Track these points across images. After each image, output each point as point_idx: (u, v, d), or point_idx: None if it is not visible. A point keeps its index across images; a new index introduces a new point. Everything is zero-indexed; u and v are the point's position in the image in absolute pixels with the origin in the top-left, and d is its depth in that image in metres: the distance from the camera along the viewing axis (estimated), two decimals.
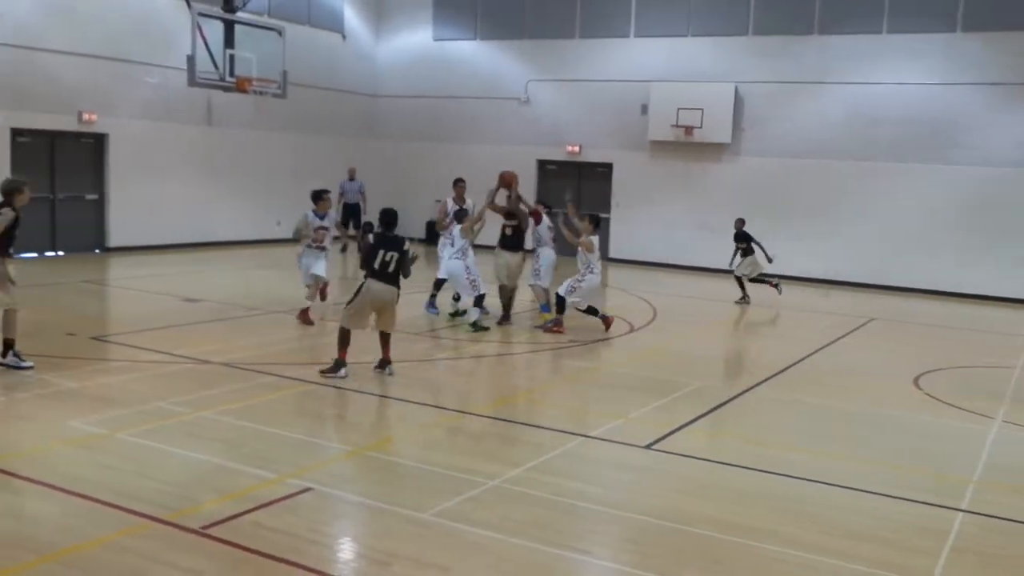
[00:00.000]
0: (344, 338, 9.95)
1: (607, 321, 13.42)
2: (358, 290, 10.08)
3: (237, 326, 13.00)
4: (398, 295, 10.19)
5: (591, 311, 13.36)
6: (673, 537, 6.10)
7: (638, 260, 22.96)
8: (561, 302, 13.19)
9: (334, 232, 13.64)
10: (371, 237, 10.23)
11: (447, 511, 6.25)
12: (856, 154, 20.87)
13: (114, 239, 20.31)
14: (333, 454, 7.61)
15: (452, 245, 13.57)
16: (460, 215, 13.87)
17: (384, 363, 10.20)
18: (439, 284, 14.16)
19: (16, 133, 18.36)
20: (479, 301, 13.12)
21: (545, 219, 14.34)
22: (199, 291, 15.11)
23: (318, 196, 13.23)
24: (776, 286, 17.38)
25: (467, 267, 13.31)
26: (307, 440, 7.85)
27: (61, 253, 19.39)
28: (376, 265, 9.99)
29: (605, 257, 23.51)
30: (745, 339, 13.95)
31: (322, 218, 13.21)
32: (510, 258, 13.88)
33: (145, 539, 5.61)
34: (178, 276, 16.28)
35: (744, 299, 17.38)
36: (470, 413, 8.85)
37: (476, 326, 12.97)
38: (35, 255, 18.80)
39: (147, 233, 20.62)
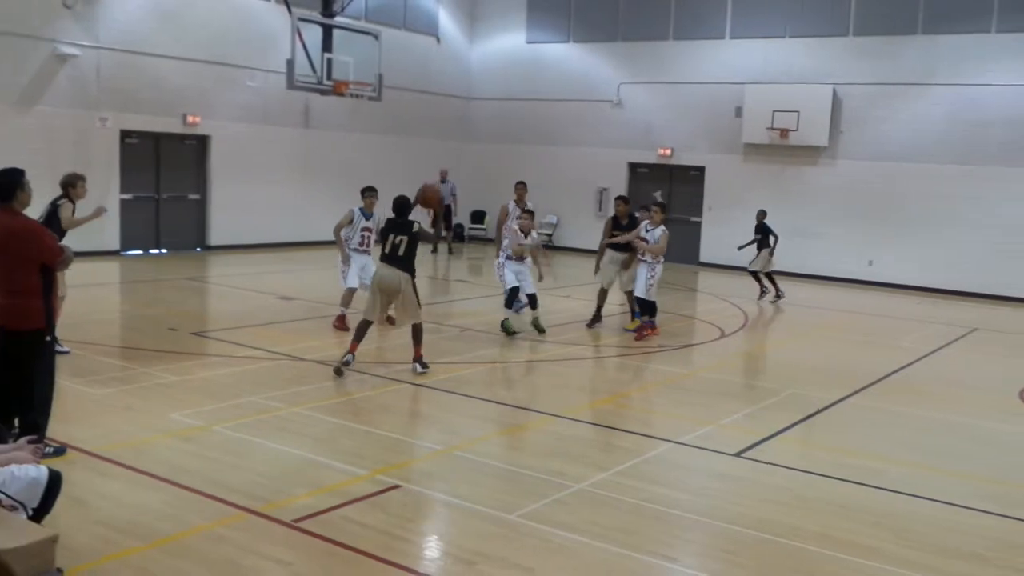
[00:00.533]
0: (361, 329, 10.06)
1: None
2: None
3: (330, 324, 13.23)
4: (410, 280, 10.10)
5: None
6: (763, 547, 5.99)
7: (729, 265, 22.61)
8: (651, 305, 13.05)
9: (375, 236, 12.18)
10: (382, 222, 10.24)
11: (533, 513, 6.26)
12: (960, 158, 20.19)
13: (214, 238, 20.91)
14: (422, 452, 7.70)
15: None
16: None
17: (415, 360, 10.18)
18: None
19: (125, 135, 19.06)
20: (508, 301, 12.73)
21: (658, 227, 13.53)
22: (294, 289, 15.44)
23: (366, 192, 12.75)
24: (765, 293, 17.54)
25: (498, 264, 12.94)
26: (397, 438, 7.96)
27: (164, 251, 20.04)
28: (386, 249, 10.04)
29: (696, 262, 23.36)
30: (841, 347, 13.62)
31: (368, 218, 12.55)
32: (617, 259, 13.61)
33: (239, 529, 5.76)
34: (274, 275, 16.67)
35: (764, 294, 17.38)
36: (559, 416, 8.85)
37: (505, 326, 12.67)
38: (140, 252, 19.48)
39: (245, 232, 21.17)
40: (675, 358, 12.27)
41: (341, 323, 12.46)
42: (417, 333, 10.18)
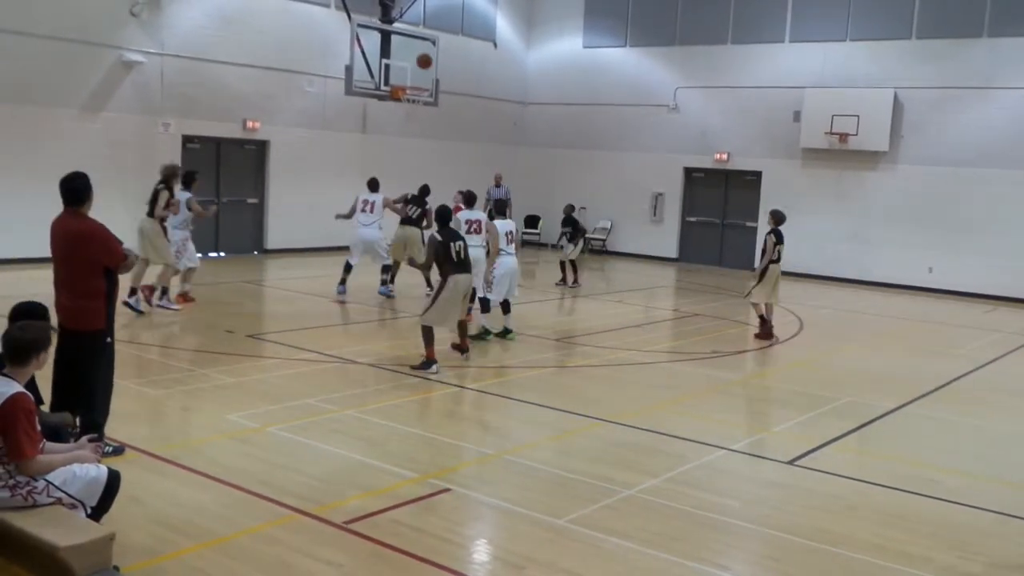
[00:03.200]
0: (430, 336, 10.43)
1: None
2: (439, 290, 10.52)
3: (384, 328, 13.37)
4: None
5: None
6: (816, 557, 5.92)
7: (785, 271, 22.27)
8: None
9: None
10: (437, 236, 10.65)
11: (583, 518, 6.26)
12: None
13: (271, 241, 21.21)
14: (473, 456, 7.73)
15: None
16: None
17: (465, 349, 11.12)
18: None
19: (187, 140, 19.43)
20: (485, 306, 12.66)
21: None
22: (349, 293, 15.58)
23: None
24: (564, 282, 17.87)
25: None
26: (448, 441, 8.00)
27: (223, 254, 20.38)
28: (454, 258, 10.53)
29: (751, 268, 23.07)
30: (898, 354, 13.38)
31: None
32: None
33: (291, 531, 5.84)
34: (329, 278, 16.79)
35: (564, 282, 18.31)
36: (609, 421, 8.83)
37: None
38: (200, 256, 19.80)
39: (302, 236, 21.43)
40: (728, 364, 12.16)
41: None
42: (465, 325, 11.26)
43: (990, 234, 20.08)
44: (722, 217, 24.20)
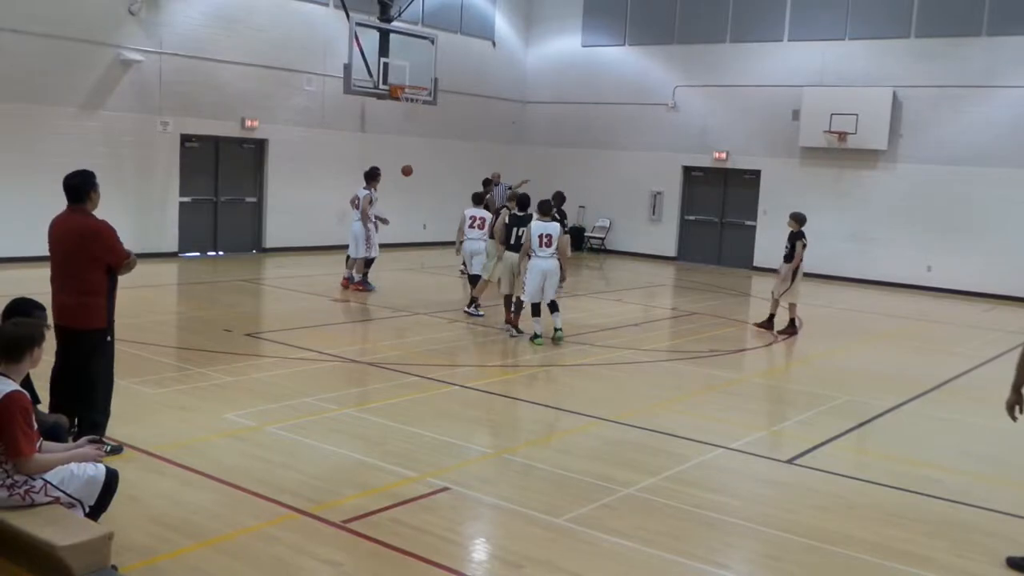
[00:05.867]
0: (507, 303, 12.85)
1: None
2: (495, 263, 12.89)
3: (383, 327, 13.36)
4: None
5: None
6: (815, 556, 5.92)
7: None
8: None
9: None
10: (507, 217, 12.65)
11: (581, 517, 6.25)
12: None
13: (270, 240, 21.19)
14: (471, 455, 7.72)
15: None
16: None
17: (515, 325, 12.57)
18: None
19: (185, 139, 19.41)
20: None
21: None
22: (347, 292, 15.57)
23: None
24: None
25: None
26: (447, 440, 7.99)
27: (221, 253, 20.36)
28: (511, 239, 12.56)
29: (750, 266, 23.12)
30: (897, 353, 13.38)
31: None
32: None
33: (290, 530, 5.83)
34: (327, 277, 16.82)
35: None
36: (608, 420, 8.82)
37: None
38: (198, 254, 19.82)
39: (300, 235, 21.41)
40: (727, 363, 12.15)
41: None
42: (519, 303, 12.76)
43: (989, 233, 20.07)
44: (721, 216, 24.20)
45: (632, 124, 25.07)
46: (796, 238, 14.04)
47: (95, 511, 5.12)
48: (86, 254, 6.57)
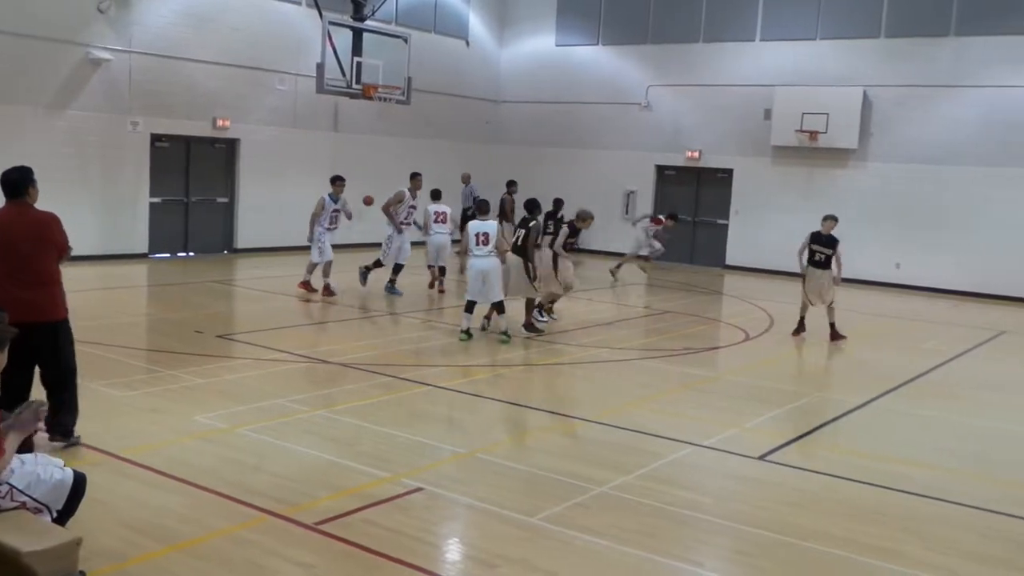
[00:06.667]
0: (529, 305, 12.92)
1: None
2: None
3: (355, 327, 13.30)
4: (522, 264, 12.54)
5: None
6: (787, 551, 5.95)
7: (756, 268, 22.47)
8: None
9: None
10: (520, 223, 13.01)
11: (556, 516, 6.25)
12: (992, 161, 19.92)
13: (241, 241, 21.05)
14: (445, 455, 7.70)
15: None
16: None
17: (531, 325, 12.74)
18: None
19: (155, 138, 19.23)
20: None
21: None
22: (319, 292, 15.49)
23: (336, 180, 15.41)
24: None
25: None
26: (420, 441, 7.96)
27: (192, 254, 20.19)
28: (519, 242, 12.66)
29: (722, 264, 23.23)
30: (867, 350, 13.48)
31: (335, 202, 15.32)
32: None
33: (262, 532, 5.79)
34: (300, 277, 16.71)
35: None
36: (581, 418, 8.83)
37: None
38: (168, 255, 19.65)
39: (272, 235, 21.26)
40: (699, 361, 12.20)
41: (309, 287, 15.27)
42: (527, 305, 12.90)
43: (957, 231, 20.28)
44: (694, 215, 24.29)
45: (606, 123, 25.12)
46: (836, 241, 13.78)
47: (63, 516, 5.04)
48: (44, 242, 6.65)
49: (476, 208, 13.03)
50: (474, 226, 12.42)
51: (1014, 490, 7.48)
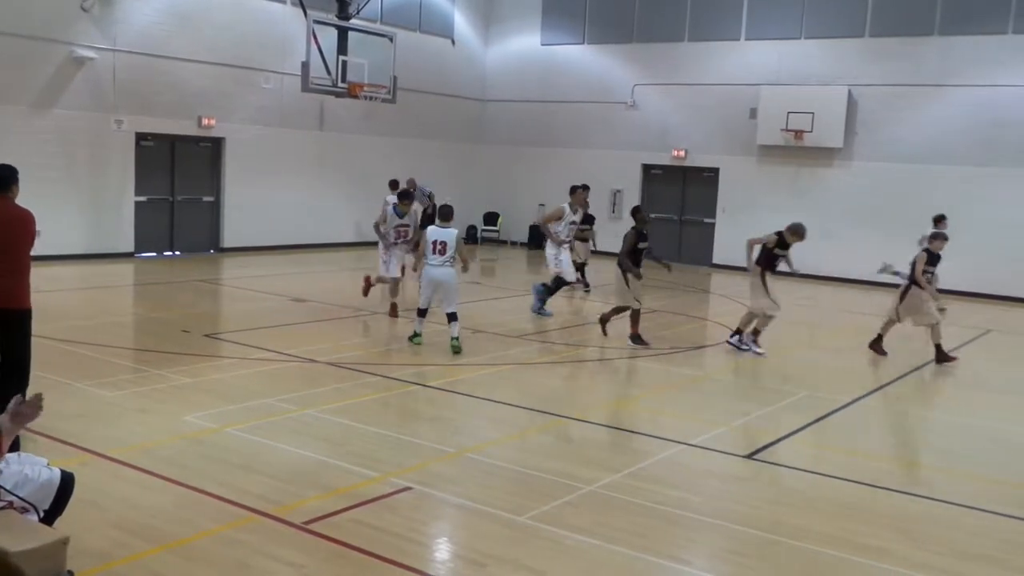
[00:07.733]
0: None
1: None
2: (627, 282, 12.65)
3: (343, 326, 13.27)
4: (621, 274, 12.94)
5: None
6: (775, 549, 5.97)
7: (744, 267, 22.46)
8: None
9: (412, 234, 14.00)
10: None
11: (544, 515, 6.25)
12: (977, 159, 20.06)
13: (227, 240, 20.98)
14: (433, 455, 7.69)
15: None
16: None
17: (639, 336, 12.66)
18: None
19: (140, 137, 19.15)
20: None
21: None
22: (307, 291, 15.47)
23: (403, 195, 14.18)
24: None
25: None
26: (408, 440, 7.96)
27: (178, 253, 20.12)
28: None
29: (709, 263, 23.28)
30: (854, 349, 13.54)
31: (401, 216, 13.91)
32: None
33: (251, 532, 5.77)
34: (287, 276, 16.71)
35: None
36: (569, 417, 8.84)
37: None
38: (154, 255, 19.57)
39: (258, 234, 21.22)
40: (687, 360, 12.23)
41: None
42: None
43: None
44: (680, 213, 24.35)
45: (592, 122, 25.16)
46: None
47: (50, 515, 5.01)
48: (21, 235, 6.89)
49: (438, 213, 11.93)
50: (432, 232, 11.52)
51: (1003, 488, 7.53)
